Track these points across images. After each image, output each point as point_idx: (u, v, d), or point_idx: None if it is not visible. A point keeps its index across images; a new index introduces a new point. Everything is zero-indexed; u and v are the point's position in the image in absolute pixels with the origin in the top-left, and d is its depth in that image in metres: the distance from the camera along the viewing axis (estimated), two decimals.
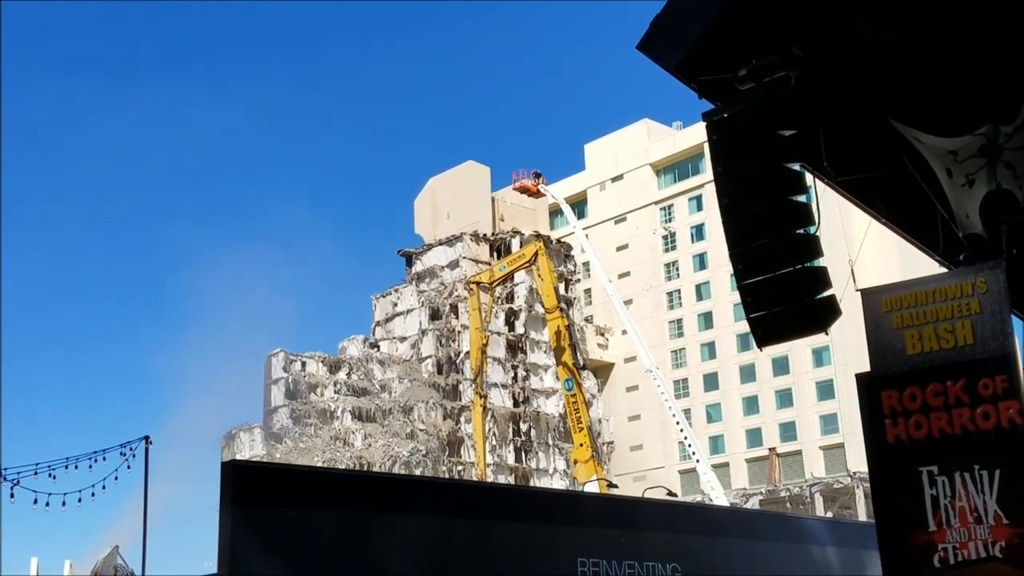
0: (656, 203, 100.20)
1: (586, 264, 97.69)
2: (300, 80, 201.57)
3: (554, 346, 79.14)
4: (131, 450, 29.43)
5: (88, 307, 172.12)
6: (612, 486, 64.16)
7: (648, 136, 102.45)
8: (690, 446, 71.24)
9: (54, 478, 28.87)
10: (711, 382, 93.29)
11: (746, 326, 9.47)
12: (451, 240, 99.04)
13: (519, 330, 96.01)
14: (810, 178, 9.77)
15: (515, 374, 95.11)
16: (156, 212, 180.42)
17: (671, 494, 55.21)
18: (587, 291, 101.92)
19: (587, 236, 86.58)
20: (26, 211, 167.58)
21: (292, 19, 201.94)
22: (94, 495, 30.04)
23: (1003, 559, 8.06)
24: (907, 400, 8.56)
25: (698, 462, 70.39)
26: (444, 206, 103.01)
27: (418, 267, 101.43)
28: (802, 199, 9.09)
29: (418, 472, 79.69)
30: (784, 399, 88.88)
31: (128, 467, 29.48)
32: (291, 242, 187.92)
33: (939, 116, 9.63)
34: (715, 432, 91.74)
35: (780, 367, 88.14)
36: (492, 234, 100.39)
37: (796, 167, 9.19)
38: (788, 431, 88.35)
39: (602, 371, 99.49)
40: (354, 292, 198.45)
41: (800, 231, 9.12)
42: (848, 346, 74.68)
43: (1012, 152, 9.30)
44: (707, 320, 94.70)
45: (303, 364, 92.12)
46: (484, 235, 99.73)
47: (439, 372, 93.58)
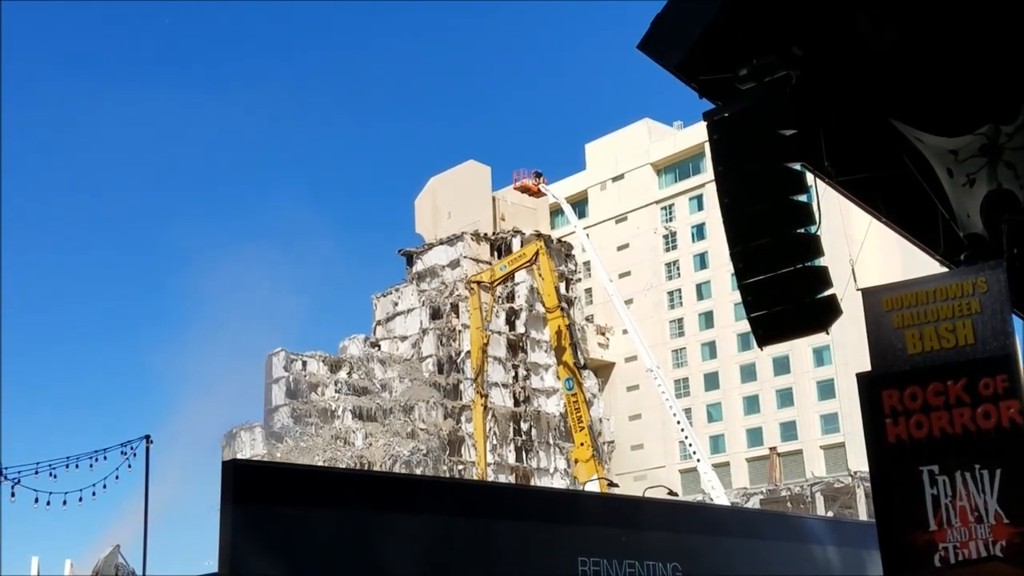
0: (657, 202, 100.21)
1: (587, 263, 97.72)
2: (300, 80, 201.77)
3: (555, 345, 79.15)
4: (132, 449, 29.48)
5: (89, 306, 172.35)
6: (613, 485, 64.17)
7: (649, 136, 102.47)
8: (691, 445, 71.23)
9: (55, 477, 28.93)
10: (712, 381, 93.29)
11: (747, 325, 9.47)
12: (452, 239, 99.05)
13: (520, 329, 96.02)
14: (811, 177, 9.77)
15: (516, 373, 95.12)
16: (157, 211, 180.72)
17: (672, 493, 55.20)
18: (588, 290, 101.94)
19: (588, 235, 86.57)
20: (27, 211, 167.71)
21: (292, 19, 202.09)
22: (95, 494, 30.11)
23: (1004, 558, 8.06)
24: (908, 399, 8.56)
25: (699, 461, 70.37)
26: (445, 205, 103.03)
27: (419, 266, 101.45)
28: (803, 198, 9.08)
29: (419, 471, 79.70)
30: (785, 398, 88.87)
31: (129, 466, 29.55)
32: (292, 241, 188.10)
33: (940, 116, 9.62)
34: (716, 431, 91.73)
35: (781, 366, 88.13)
36: (493, 233, 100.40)
37: (797, 167, 9.19)
38: (789, 430, 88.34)
39: (603, 370, 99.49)
40: (355, 291, 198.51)
41: (801, 230, 9.12)
42: (849, 345, 74.66)
43: (1013, 152, 9.30)
44: (708, 319, 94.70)
45: (304, 363, 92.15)
46: (485, 234, 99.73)
47: (440, 371, 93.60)
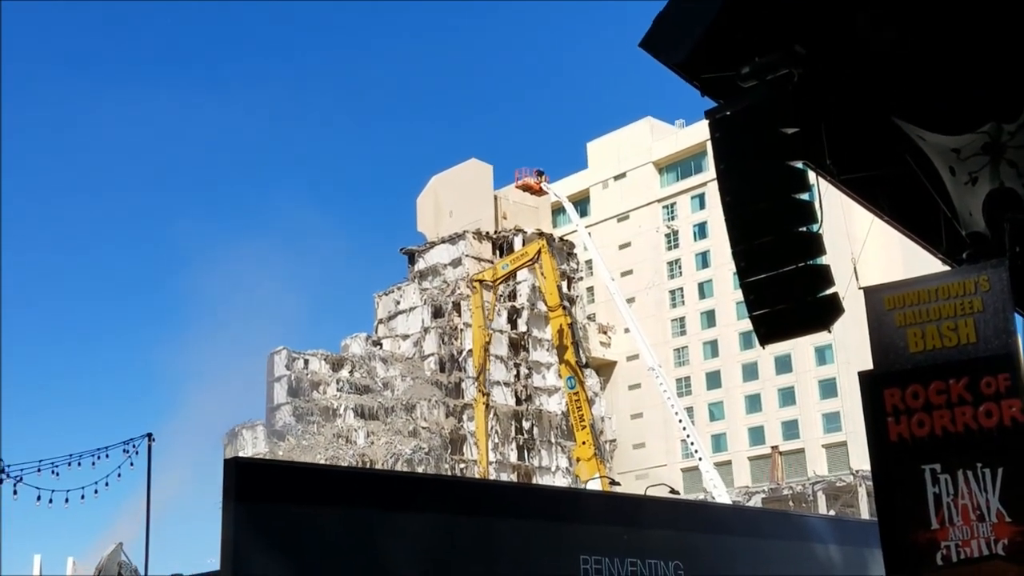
0: (659, 201, 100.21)
1: (589, 262, 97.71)
2: (300, 80, 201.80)
3: (556, 344, 79.18)
4: (134, 447, 29.49)
5: (91, 305, 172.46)
6: (614, 484, 64.25)
7: (651, 134, 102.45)
8: (692, 444, 71.24)
9: (57, 475, 28.97)
10: (714, 380, 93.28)
11: (749, 324, 9.47)
12: (454, 238, 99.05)
13: (522, 328, 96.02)
14: (813, 176, 9.76)
15: (518, 372, 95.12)
16: (157, 211, 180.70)
17: (674, 492, 55.28)
18: (590, 289, 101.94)
19: (590, 234, 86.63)
20: (29, 210, 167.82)
21: (292, 19, 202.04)
22: (97, 492, 30.14)
23: (1006, 557, 8.06)
24: (910, 398, 8.55)
25: (700, 460, 70.39)
26: (447, 204, 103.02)
27: (421, 265, 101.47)
28: (805, 197, 9.08)
29: (420, 470, 79.72)
30: (787, 397, 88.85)
31: (131, 464, 29.55)
32: (294, 240, 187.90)
33: (941, 115, 9.61)
34: (717, 430, 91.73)
35: (783, 365, 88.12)
36: (495, 232, 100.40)
37: (799, 165, 9.18)
38: (791, 429, 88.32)
39: (604, 369, 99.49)
40: (357, 290, 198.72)
41: (803, 229, 9.11)
42: (851, 344, 74.63)
43: (1015, 150, 9.29)
44: (710, 318, 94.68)
45: (306, 362, 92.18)
46: (487, 233, 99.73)
47: (442, 370, 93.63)
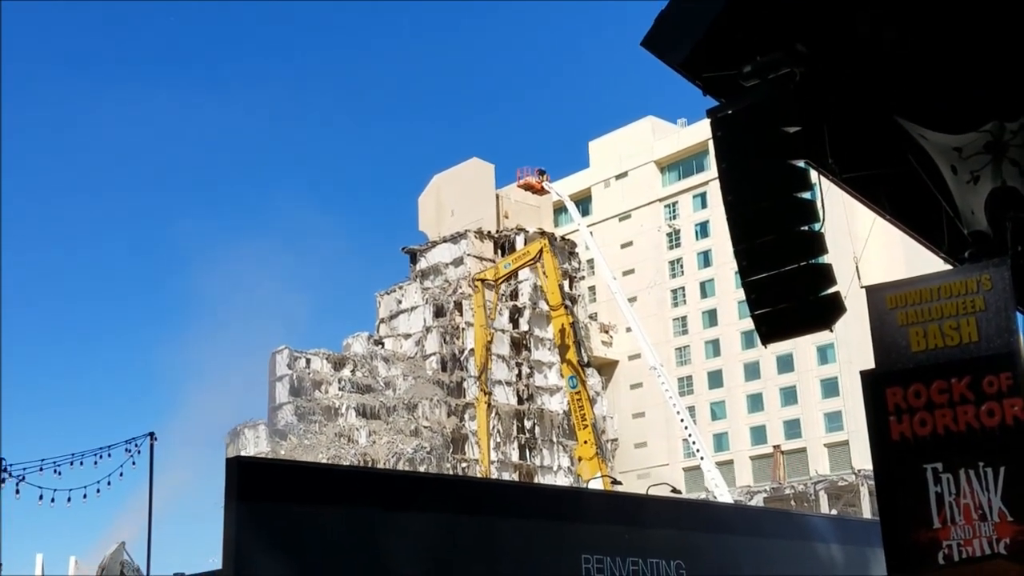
0: (660, 200, 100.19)
1: (590, 261, 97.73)
2: (301, 79, 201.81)
3: (558, 343, 79.17)
4: (136, 446, 29.49)
5: (92, 305, 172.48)
6: (616, 483, 64.23)
7: (653, 133, 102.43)
8: (694, 443, 71.23)
9: (59, 474, 28.98)
10: (715, 379, 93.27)
11: (750, 323, 9.46)
12: (455, 237, 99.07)
13: (523, 327, 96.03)
14: (814, 175, 9.76)
15: (519, 371, 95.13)
16: (158, 211, 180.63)
17: (675, 491, 55.25)
18: (591, 288, 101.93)
19: (591, 233, 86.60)
20: (29, 210, 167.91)
21: (292, 19, 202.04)
22: (99, 491, 30.15)
23: (1008, 556, 8.06)
24: (912, 397, 8.54)
25: (702, 459, 70.38)
26: (448, 203, 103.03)
27: (422, 264, 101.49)
28: (806, 196, 9.07)
29: (422, 469, 79.74)
30: (788, 396, 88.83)
31: (133, 463, 29.55)
32: (295, 240, 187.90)
33: (943, 113, 9.61)
34: (719, 429, 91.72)
35: (784, 364, 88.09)
36: (496, 231, 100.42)
37: (801, 164, 9.17)
38: (792, 428, 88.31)
39: (606, 368, 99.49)
40: (358, 289, 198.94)
41: (804, 228, 9.10)
42: (853, 343, 74.63)
43: (1017, 149, 9.28)
44: (711, 317, 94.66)
45: (308, 361, 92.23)
46: (488, 232, 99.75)
47: (443, 369, 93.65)
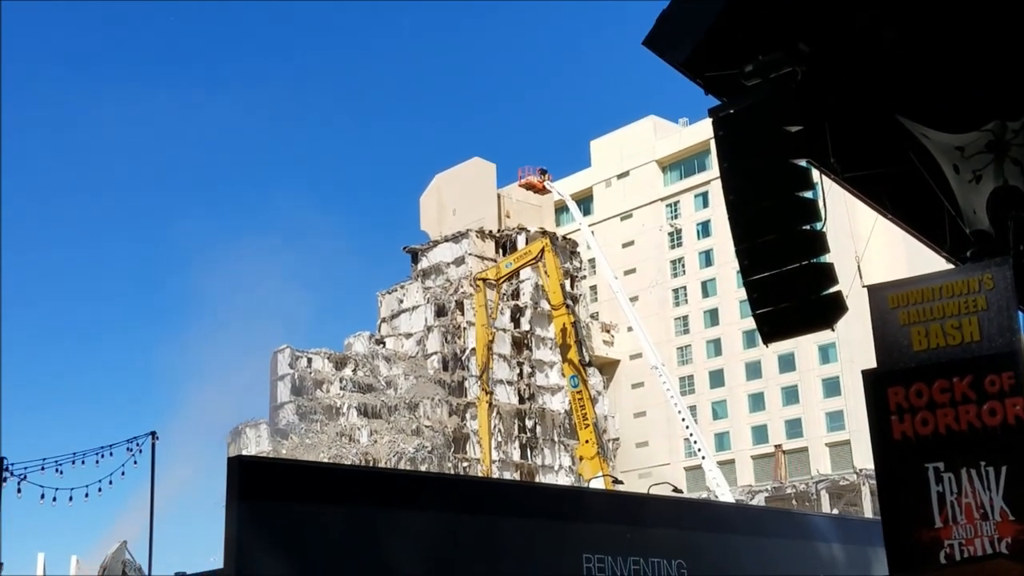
0: (662, 199, 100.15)
1: (592, 261, 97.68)
2: (301, 79, 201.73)
3: (560, 343, 79.24)
4: (138, 445, 29.51)
5: (93, 304, 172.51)
6: (617, 482, 64.18)
7: (654, 132, 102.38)
8: (696, 443, 71.22)
9: (61, 473, 29.00)
10: (717, 379, 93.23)
11: (752, 322, 9.46)
12: (457, 237, 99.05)
13: (525, 327, 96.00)
14: (816, 174, 9.75)
15: (521, 371, 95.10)
16: (158, 211, 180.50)
17: (676, 490, 55.23)
18: (593, 288, 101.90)
19: (593, 233, 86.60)
20: (29, 210, 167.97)
21: (292, 19, 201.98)
22: (101, 491, 30.17)
23: (1009, 555, 8.05)
24: (913, 397, 8.55)
25: (704, 459, 70.35)
26: (450, 203, 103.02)
27: (424, 264, 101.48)
28: (808, 195, 9.07)
29: (423, 468, 79.74)
30: (790, 396, 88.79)
31: (135, 463, 29.56)
32: (297, 239, 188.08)
33: (944, 113, 9.60)
34: (721, 429, 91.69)
35: (786, 364, 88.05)
36: (498, 231, 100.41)
37: (802, 163, 9.17)
38: (794, 428, 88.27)
39: (608, 368, 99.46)
40: (360, 289, 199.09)
41: (806, 227, 9.10)
42: (854, 343, 74.59)
43: (1019, 148, 9.27)
44: (713, 317, 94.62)
45: (309, 360, 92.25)
46: (490, 232, 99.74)
47: (445, 368, 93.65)
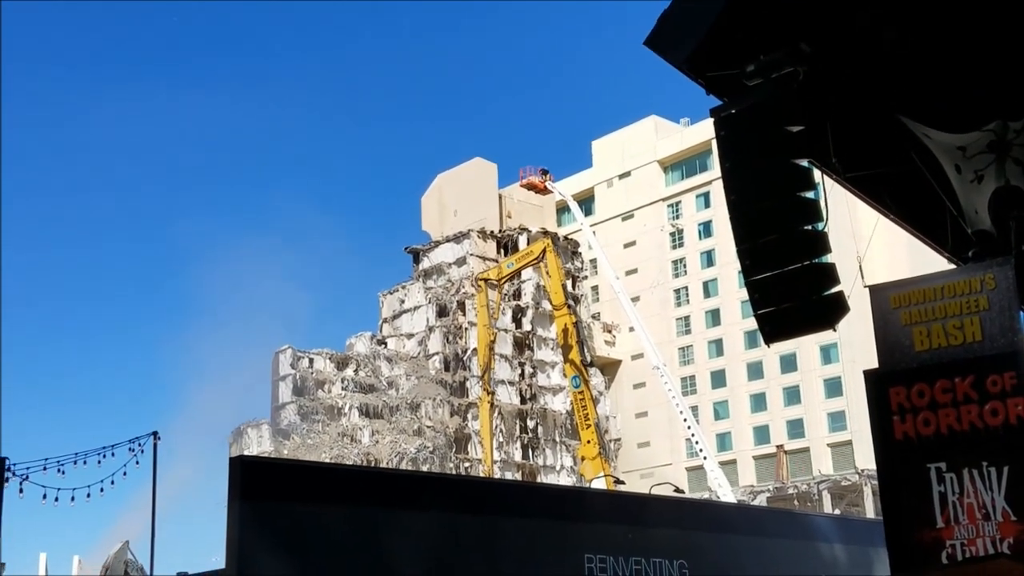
0: (664, 200, 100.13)
1: (593, 261, 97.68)
2: (301, 79, 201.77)
3: (561, 343, 79.26)
4: (139, 445, 29.49)
5: (94, 304, 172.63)
6: (619, 483, 64.23)
7: (656, 133, 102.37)
8: (697, 443, 71.23)
9: (63, 473, 28.95)
10: (718, 379, 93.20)
11: (754, 323, 9.45)
12: (458, 237, 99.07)
13: (526, 327, 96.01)
14: (818, 174, 9.74)
15: (522, 371, 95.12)
16: (158, 210, 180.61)
17: (678, 491, 55.26)
18: (594, 288, 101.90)
19: (594, 233, 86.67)
20: (29, 210, 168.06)
21: (292, 19, 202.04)
22: (103, 490, 30.11)
23: (1011, 555, 8.05)
24: (915, 397, 8.54)
25: (705, 459, 70.38)
26: (451, 203, 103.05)
27: (425, 264, 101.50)
28: (810, 195, 9.06)
29: (425, 468, 79.77)
30: (792, 396, 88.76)
31: (137, 462, 29.54)
32: (299, 239, 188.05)
33: (945, 113, 9.60)
34: (722, 429, 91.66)
35: (788, 364, 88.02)
36: (499, 231, 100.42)
37: (804, 163, 9.16)
38: (796, 428, 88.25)
39: (609, 368, 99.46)
40: (361, 289, 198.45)
41: (808, 227, 9.09)
42: (856, 343, 74.54)
43: (1021, 148, 9.27)
44: (714, 317, 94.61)
45: (311, 361, 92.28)
46: (491, 232, 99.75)
47: (446, 369, 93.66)
